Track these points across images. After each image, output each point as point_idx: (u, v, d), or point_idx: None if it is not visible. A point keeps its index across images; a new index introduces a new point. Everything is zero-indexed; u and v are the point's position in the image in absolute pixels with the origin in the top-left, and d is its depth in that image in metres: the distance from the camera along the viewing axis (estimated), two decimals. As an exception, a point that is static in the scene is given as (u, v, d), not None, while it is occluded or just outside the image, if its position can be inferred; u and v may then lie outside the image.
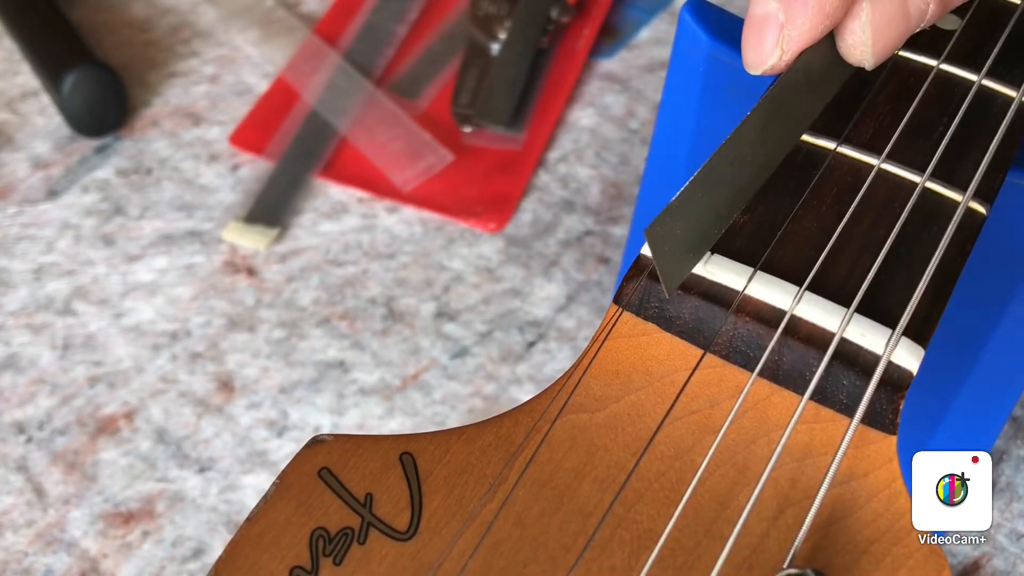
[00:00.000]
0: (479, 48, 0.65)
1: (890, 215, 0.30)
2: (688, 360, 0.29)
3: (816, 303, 0.29)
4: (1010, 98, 0.33)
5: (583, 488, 0.27)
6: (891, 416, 0.28)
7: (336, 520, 0.27)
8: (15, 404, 0.50)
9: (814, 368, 0.28)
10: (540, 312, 0.54)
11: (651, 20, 0.69)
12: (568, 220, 0.58)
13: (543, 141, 0.62)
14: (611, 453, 0.28)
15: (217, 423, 0.50)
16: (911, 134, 0.32)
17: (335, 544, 0.26)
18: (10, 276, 0.55)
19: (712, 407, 0.29)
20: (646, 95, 0.65)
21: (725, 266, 0.30)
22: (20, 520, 0.46)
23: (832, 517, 0.27)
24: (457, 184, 0.60)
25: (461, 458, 0.28)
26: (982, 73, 0.33)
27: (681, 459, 0.28)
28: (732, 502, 0.27)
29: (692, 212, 0.29)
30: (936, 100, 0.33)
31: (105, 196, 0.58)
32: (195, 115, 0.63)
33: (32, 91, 0.63)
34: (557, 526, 0.27)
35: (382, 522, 0.27)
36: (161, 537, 0.46)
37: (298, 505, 0.27)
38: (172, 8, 0.69)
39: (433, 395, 0.51)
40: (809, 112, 0.32)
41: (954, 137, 0.32)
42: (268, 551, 0.26)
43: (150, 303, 0.54)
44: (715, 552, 0.26)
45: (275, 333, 0.53)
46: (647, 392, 0.29)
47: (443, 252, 0.57)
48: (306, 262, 0.56)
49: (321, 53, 0.65)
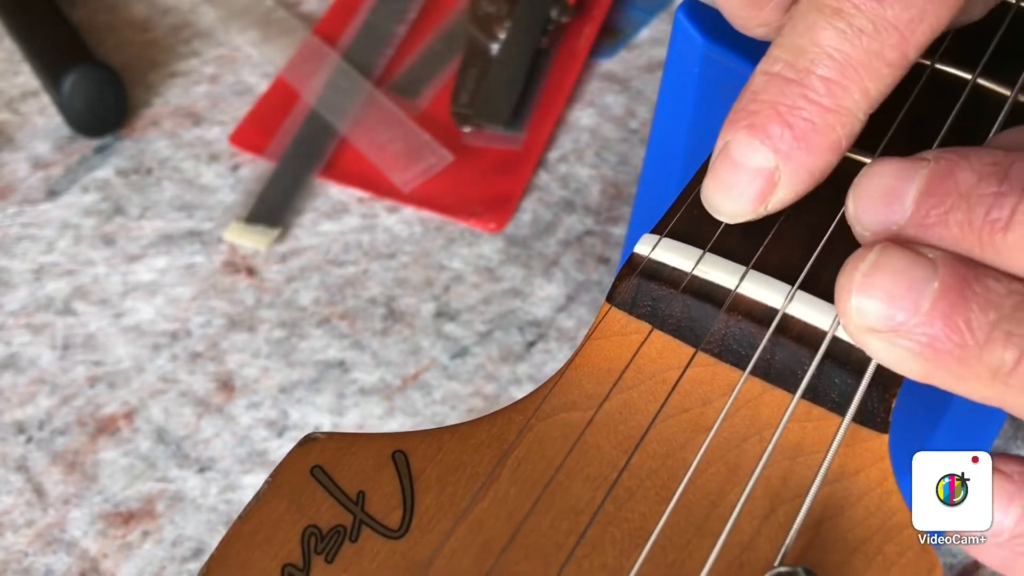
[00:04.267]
0: (479, 48, 0.65)
1: None
2: (680, 358, 0.29)
3: (808, 302, 0.29)
4: (1004, 97, 0.33)
5: (575, 486, 0.27)
6: (883, 415, 0.28)
7: (328, 518, 0.27)
8: (15, 404, 0.50)
9: (806, 366, 0.28)
10: (540, 312, 0.54)
11: (651, 20, 0.69)
12: (568, 220, 0.58)
13: (543, 141, 0.62)
14: (603, 451, 0.28)
15: (217, 423, 0.50)
16: (905, 132, 0.32)
17: (327, 542, 0.27)
18: (10, 276, 0.55)
19: (704, 405, 0.29)
20: (646, 95, 0.65)
21: (717, 264, 0.30)
22: (20, 520, 0.47)
23: (823, 515, 0.27)
24: (457, 184, 0.60)
25: (453, 456, 0.28)
26: (976, 72, 0.33)
27: (673, 457, 0.28)
28: (723, 500, 0.27)
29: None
30: (930, 99, 0.33)
31: (105, 196, 0.59)
32: (195, 115, 0.63)
33: (32, 91, 0.64)
34: (549, 524, 0.27)
35: (374, 520, 0.27)
36: (161, 537, 0.46)
37: (290, 503, 0.27)
38: (172, 8, 0.69)
39: (433, 395, 0.51)
40: None
41: (948, 135, 0.32)
42: (260, 549, 0.26)
43: (150, 303, 0.54)
44: (706, 550, 0.26)
45: (275, 333, 0.53)
46: (639, 390, 0.29)
47: (443, 252, 0.57)
48: (306, 262, 0.56)
49: (321, 53, 0.65)
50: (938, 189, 0.26)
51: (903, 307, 0.25)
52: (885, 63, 0.29)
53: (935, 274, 0.25)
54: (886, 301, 0.26)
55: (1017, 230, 0.25)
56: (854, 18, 0.29)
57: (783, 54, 0.29)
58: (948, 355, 0.25)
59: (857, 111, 0.29)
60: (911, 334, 0.25)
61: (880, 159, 0.28)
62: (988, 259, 0.26)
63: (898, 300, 0.25)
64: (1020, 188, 0.25)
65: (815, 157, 0.29)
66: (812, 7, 0.29)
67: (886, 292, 0.26)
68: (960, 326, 0.25)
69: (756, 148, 0.29)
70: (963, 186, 0.26)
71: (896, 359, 0.26)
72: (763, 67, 0.30)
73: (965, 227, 0.26)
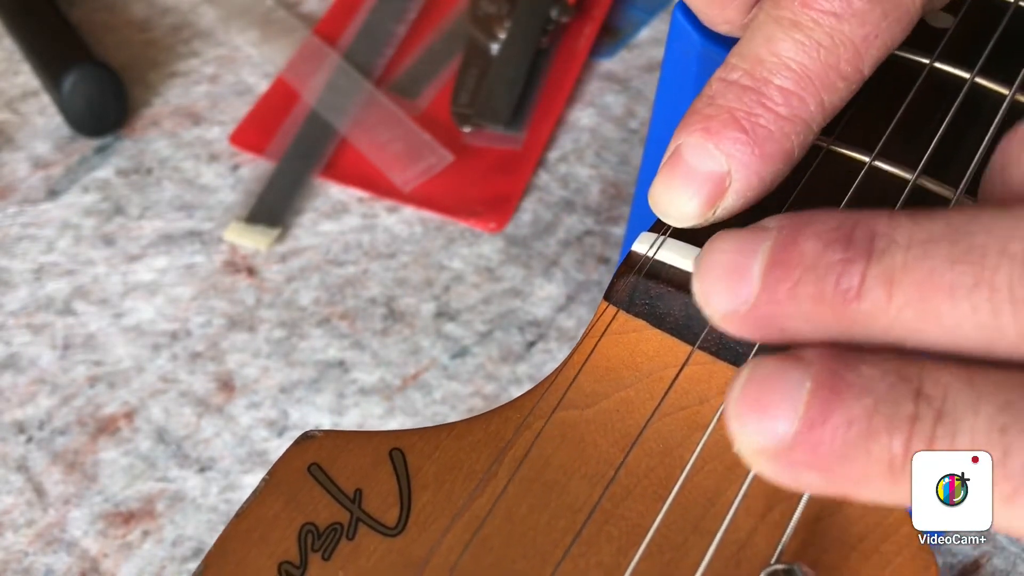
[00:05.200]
0: (479, 48, 0.65)
1: None
2: (677, 356, 0.29)
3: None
4: (1002, 96, 0.33)
5: (572, 484, 0.27)
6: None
7: (325, 516, 0.27)
8: (15, 404, 0.50)
9: None
10: (540, 312, 0.54)
11: (651, 20, 0.69)
12: (568, 220, 0.58)
13: (543, 141, 0.62)
14: (600, 449, 0.28)
15: (217, 423, 0.50)
16: (903, 131, 0.32)
17: (324, 539, 0.27)
18: (10, 276, 0.55)
19: (701, 403, 0.29)
20: (646, 95, 0.65)
21: (715, 263, 0.30)
22: (20, 520, 0.47)
23: (820, 513, 0.27)
24: (457, 184, 0.60)
25: (451, 454, 0.28)
26: (975, 71, 0.33)
27: (670, 455, 0.28)
28: (720, 498, 0.27)
29: None
30: (929, 98, 0.33)
31: (105, 196, 0.59)
32: (195, 115, 0.63)
33: (32, 91, 0.64)
34: (546, 521, 0.27)
35: (371, 517, 0.27)
36: (161, 537, 0.46)
37: (287, 500, 0.27)
38: (172, 8, 0.69)
39: (433, 395, 0.51)
40: None
41: (946, 134, 0.32)
42: (257, 546, 0.26)
43: (150, 303, 0.54)
44: (703, 548, 0.26)
45: (275, 333, 0.53)
46: (636, 388, 0.29)
47: (443, 252, 0.57)
48: (306, 262, 0.56)
49: (321, 53, 0.65)
50: (783, 261, 0.25)
51: (781, 416, 0.23)
52: (840, 76, 0.29)
53: (806, 374, 0.23)
54: (764, 416, 0.24)
55: (870, 297, 0.24)
56: (812, 32, 0.29)
57: (741, 63, 0.30)
58: (838, 458, 0.23)
59: (812, 122, 0.29)
60: (797, 446, 0.23)
61: (720, 233, 0.26)
62: (851, 334, 0.24)
63: (773, 410, 0.23)
64: (866, 252, 0.24)
65: (768, 164, 0.29)
66: (771, 19, 0.29)
67: (760, 406, 0.24)
68: (838, 423, 0.23)
69: (710, 152, 0.29)
70: (808, 256, 0.24)
71: (793, 478, 0.24)
72: (721, 74, 0.30)
73: (818, 301, 0.24)
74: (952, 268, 0.23)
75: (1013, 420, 0.22)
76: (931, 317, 0.23)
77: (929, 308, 0.23)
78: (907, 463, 0.23)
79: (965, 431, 0.22)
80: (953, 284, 0.23)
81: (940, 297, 0.23)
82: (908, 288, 0.23)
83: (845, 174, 0.31)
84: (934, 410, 0.22)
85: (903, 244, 0.24)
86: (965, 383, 0.23)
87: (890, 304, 0.23)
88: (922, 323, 0.23)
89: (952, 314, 0.23)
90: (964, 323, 0.23)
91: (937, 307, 0.23)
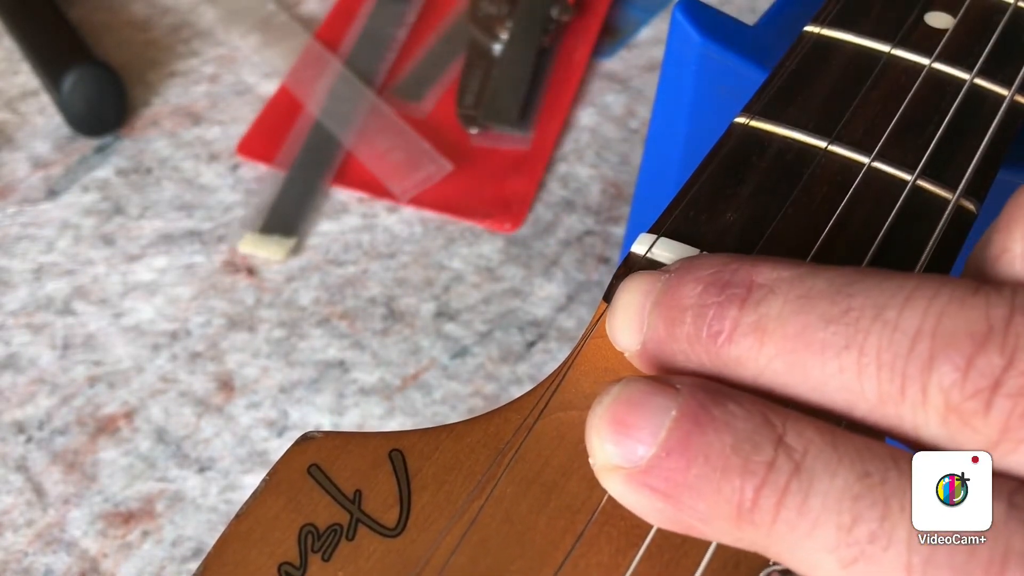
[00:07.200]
0: (481, 49, 0.65)
1: (880, 213, 0.30)
2: (677, 357, 0.29)
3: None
4: (1001, 96, 0.33)
5: (571, 485, 0.27)
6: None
7: (325, 517, 0.27)
8: (15, 404, 0.50)
9: None
10: (540, 312, 0.54)
11: (651, 20, 0.69)
12: (568, 220, 0.58)
13: (552, 140, 0.62)
14: (600, 450, 0.28)
15: (217, 423, 0.50)
16: (902, 132, 0.32)
17: (324, 540, 0.27)
18: (10, 276, 0.55)
19: (701, 404, 0.29)
20: (646, 95, 0.65)
21: (714, 264, 0.30)
22: (20, 520, 0.47)
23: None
24: (469, 186, 0.60)
25: (450, 455, 0.28)
26: (974, 72, 0.33)
27: (669, 456, 0.28)
28: (720, 499, 0.27)
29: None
30: (927, 98, 0.33)
31: (105, 196, 0.59)
32: (195, 115, 0.63)
33: (32, 91, 0.64)
34: (545, 523, 0.27)
35: (371, 518, 0.27)
36: (161, 537, 0.46)
37: (287, 501, 0.27)
38: (172, 8, 0.69)
39: (433, 395, 0.51)
40: None
41: (945, 135, 0.32)
42: (256, 547, 0.26)
43: (150, 303, 0.54)
44: (702, 548, 0.26)
45: (275, 333, 0.53)
46: (636, 389, 0.29)
47: (443, 252, 0.57)
48: (306, 262, 0.56)
49: (322, 60, 0.65)
50: (667, 303, 0.25)
51: (641, 440, 0.23)
52: None
53: (675, 402, 0.23)
54: (625, 436, 0.23)
55: (742, 344, 0.24)
56: None
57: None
58: (688, 491, 0.23)
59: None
60: (651, 470, 0.23)
61: (632, 274, 0.27)
62: (726, 375, 0.24)
63: (636, 432, 0.23)
64: (740, 299, 0.24)
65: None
66: None
67: (624, 425, 0.24)
68: (694, 455, 0.23)
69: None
70: (687, 298, 0.25)
71: (640, 502, 0.24)
72: None
73: (693, 342, 0.24)
74: (826, 327, 0.23)
75: (867, 491, 0.22)
76: (799, 371, 0.23)
77: (798, 362, 0.23)
78: (755, 510, 0.22)
79: (819, 492, 0.22)
80: (824, 343, 0.23)
81: (810, 354, 0.23)
82: (779, 340, 0.23)
83: (843, 175, 0.31)
84: (793, 462, 0.22)
85: (781, 296, 0.24)
86: (828, 443, 0.22)
87: (760, 353, 0.24)
88: (790, 376, 0.24)
89: (819, 372, 0.23)
90: (830, 382, 0.23)
91: (805, 362, 0.23)
